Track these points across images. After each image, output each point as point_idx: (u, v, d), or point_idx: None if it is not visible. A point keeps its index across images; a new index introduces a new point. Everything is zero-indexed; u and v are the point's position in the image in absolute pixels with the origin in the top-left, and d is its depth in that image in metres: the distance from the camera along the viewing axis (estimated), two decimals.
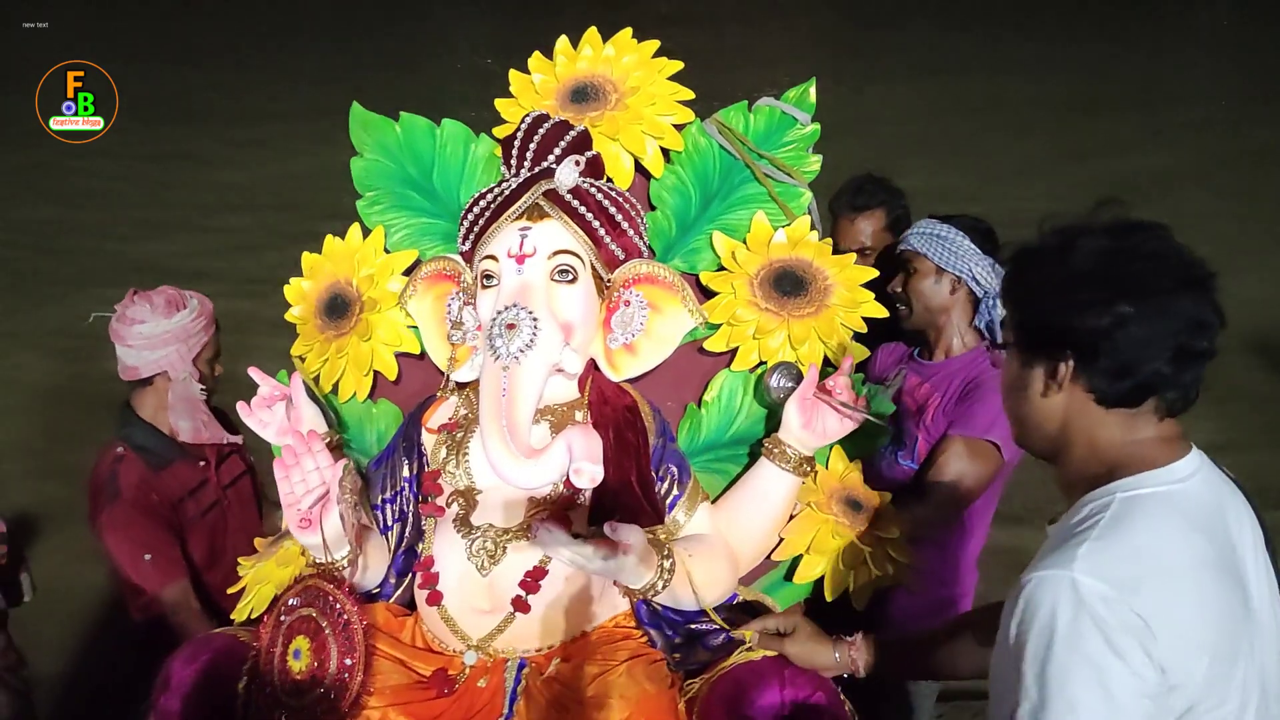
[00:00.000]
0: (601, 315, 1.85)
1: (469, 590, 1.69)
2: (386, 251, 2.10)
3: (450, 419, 1.85)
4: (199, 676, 1.66)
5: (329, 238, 2.13)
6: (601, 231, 1.79)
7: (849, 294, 1.92)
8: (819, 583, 1.83)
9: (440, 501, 1.78)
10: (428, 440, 1.87)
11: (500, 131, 2.12)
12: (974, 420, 2.23)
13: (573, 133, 1.89)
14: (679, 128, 2.06)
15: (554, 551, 1.51)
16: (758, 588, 1.86)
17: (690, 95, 2.09)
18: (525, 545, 1.68)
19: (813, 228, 2.01)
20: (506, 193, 1.80)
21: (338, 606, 1.58)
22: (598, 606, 1.73)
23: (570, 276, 1.76)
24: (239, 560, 2.04)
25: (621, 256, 1.84)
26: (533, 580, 1.66)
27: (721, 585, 1.75)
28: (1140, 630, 1.15)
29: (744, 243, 1.98)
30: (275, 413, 1.92)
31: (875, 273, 1.97)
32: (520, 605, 1.66)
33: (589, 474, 1.58)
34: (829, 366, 1.91)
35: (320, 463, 1.64)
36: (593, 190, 1.82)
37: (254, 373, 1.96)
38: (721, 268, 1.98)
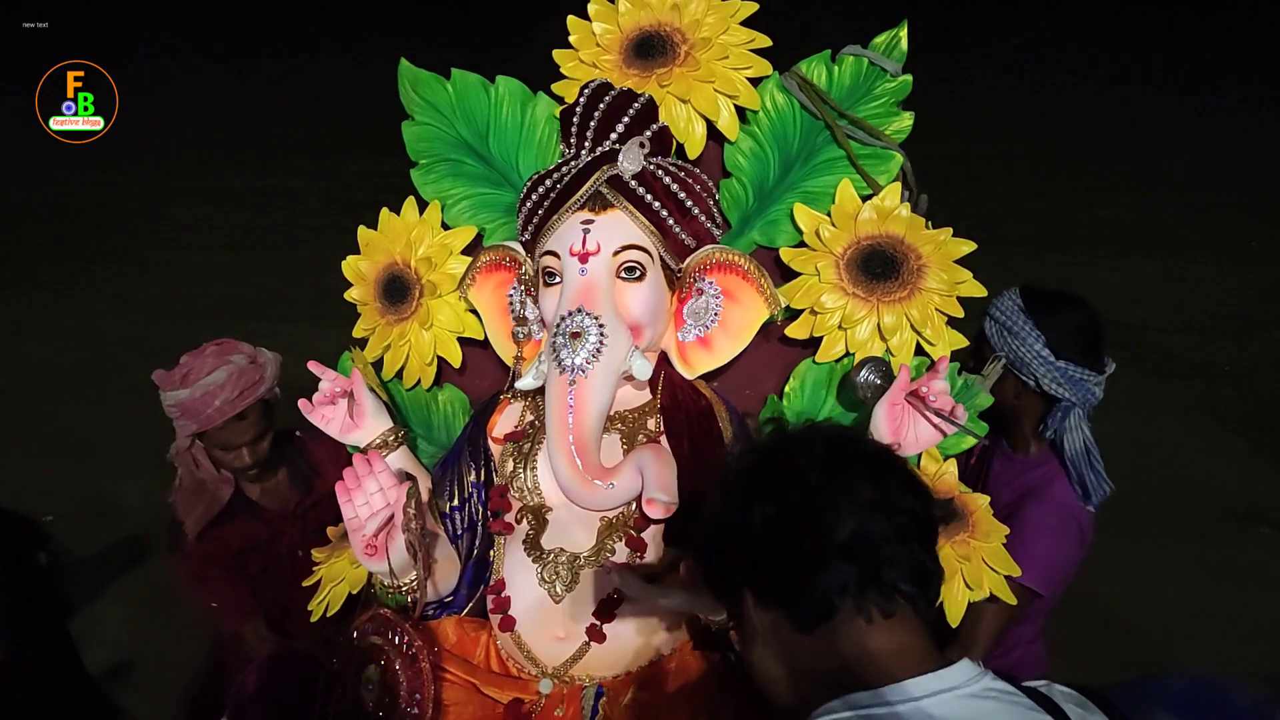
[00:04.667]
0: (672, 307, 1.72)
1: (543, 617, 1.64)
2: (445, 227, 1.98)
3: (516, 427, 1.76)
4: (271, 692, 1.65)
5: (384, 212, 2.01)
6: (670, 221, 1.65)
7: (945, 274, 1.76)
8: None
9: (509, 518, 1.71)
10: (494, 447, 1.79)
11: (559, 89, 1.96)
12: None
13: (637, 104, 1.72)
14: (755, 82, 1.87)
15: (630, 594, 1.44)
16: None
17: (767, 43, 1.89)
18: (598, 571, 1.61)
19: (904, 198, 1.83)
20: (567, 179, 1.66)
21: (405, 639, 1.54)
22: (676, 630, 1.66)
23: (638, 274, 1.64)
24: (313, 552, 2.01)
25: (692, 245, 1.70)
26: (607, 609, 1.60)
27: None
28: None
29: (828, 215, 1.82)
30: (338, 408, 1.85)
31: (971, 245, 1.80)
32: (595, 635, 1.60)
33: (663, 505, 1.50)
34: (920, 355, 1.77)
35: (384, 483, 1.57)
36: (659, 173, 1.67)
37: (313, 367, 1.88)
38: (804, 242, 1.83)
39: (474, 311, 1.91)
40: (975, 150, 9.88)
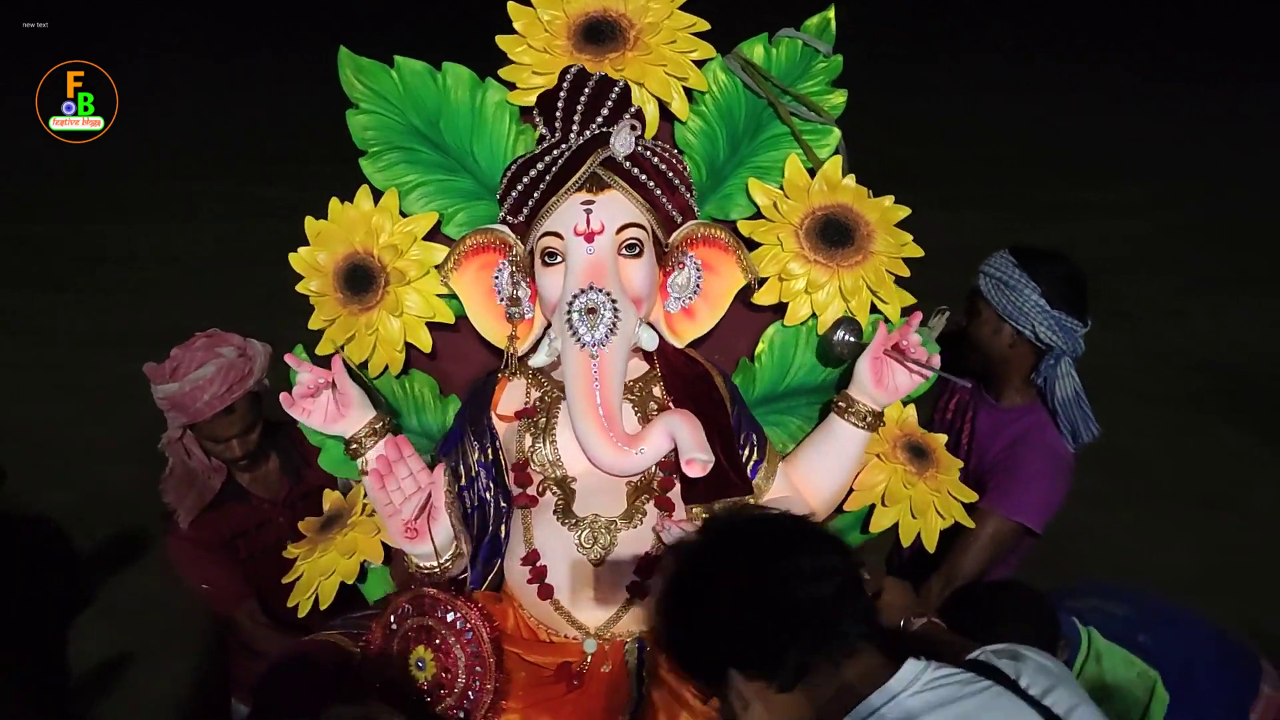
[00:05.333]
0: (659, 281, 1.82)
1: (583, 582, 1.71)
2: (403, 214, 1.99)
3: (526, 403, 1.82)
4: (296, 682, 1.65)
5: (334, 202, 1.99)
6: (663, 199, 1.75)
7: (891, 238, 1.93)
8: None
9: (532, 491, 1.77)
10: (499, 425, 1.83)
11: (507, 74, 1.99)
12: (1010, 498, 2.19)
13: (616, 89, 1.81)
14: (699, 64, 1.98)
15: None
16: None
17: (706, 26, 2.00)
18: (634, 531, 1.70)
19: (845, 170, 1.99)
20: (561, 163, 1.72)
21: (458, 615, 1.58)
22: None
23: (637, 250, 1.73)
24: (289, 547, 1.99)
25: (678, 220, 1.80)
26: (648, 566, 1.69)
27: None
28: None
29: (780, 188, 1.95)
30: (320, 400, 1.84)
31: (907, 210, 1.98)
32: (638, 591, 1.69)
33: (701, 463, 1.59)
34: (874, 314, 1.94)
35: (414, 467, 1.61)
36: (647, 153, 1.76)
37: (290, 360, 1.86)
38: (757, 214, 1.96)
39: (448, 296, 1.93)
40: (966, 152, 10.22)
